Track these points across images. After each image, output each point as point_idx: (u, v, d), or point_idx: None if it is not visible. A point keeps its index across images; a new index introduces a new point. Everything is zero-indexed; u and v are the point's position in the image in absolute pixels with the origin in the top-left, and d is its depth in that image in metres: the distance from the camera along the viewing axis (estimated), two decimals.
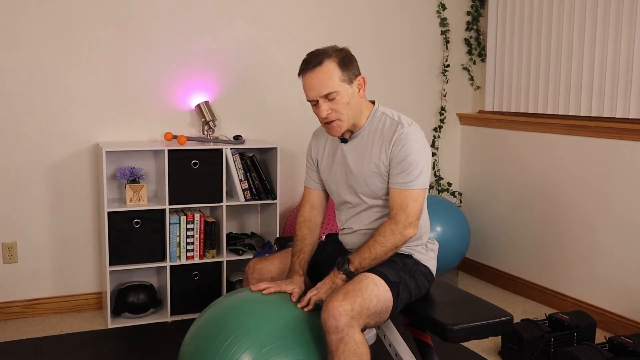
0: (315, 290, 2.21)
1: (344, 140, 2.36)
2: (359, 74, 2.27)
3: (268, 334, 2.04)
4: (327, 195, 2.55)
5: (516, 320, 2.99)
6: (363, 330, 2.09)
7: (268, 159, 3.74)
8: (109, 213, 3.35)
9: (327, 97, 2.20)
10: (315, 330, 2.10)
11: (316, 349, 2.07)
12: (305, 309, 2.17)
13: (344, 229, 2.46)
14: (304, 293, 2.27)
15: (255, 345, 2.01)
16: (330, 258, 2.43)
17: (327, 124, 2.26)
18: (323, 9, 3.98)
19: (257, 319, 2.10)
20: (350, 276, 2.19)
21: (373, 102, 2.36)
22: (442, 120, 4.40)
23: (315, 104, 2.24)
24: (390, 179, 2.24)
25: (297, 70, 2.26)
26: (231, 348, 2.01)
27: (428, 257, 2.38)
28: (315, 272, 2.44)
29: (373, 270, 2.19)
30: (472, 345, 3.20)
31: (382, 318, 2.15)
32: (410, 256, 2.33)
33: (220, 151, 3.54)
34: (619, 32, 3.36)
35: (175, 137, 3.56)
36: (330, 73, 2.19)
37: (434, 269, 2.40)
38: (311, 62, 2.21)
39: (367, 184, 2.30)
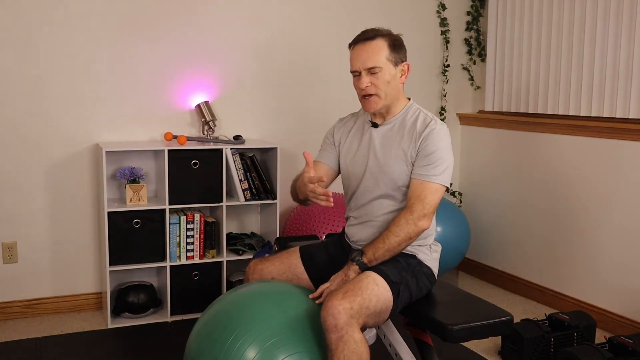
0: (328, 283, 2.22)
1: (374, 124, 2.40)
2: (405, 60, 2.35)
3: (273, 328, 2.05)
4: (333, 175, 2.53)
5: (516, 320, 2.99)
6: (363, 329, 2.09)
7: (268, 159, 3.74)
8: (109, 213, 3.35)
9: (370, 70, 2.28)
10: (320, 323, 2.09)
11: (320, 342, 2.07)
12: (317, 302, 2.17)
13: (350, 217, 2.46)
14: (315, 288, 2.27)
15: (260, 339, 2.02)
16: (332, 258, 2.43)
17: (364, 97, 2.32)
18: (322, 8, 3.98)
19: (262, 312, 2.10)
20: (363, 268, 2.21)
21: (409, 99, 2.44)
22: (442, 121, 4.38)
23: (357, 74, 2.31)
24: (414, 170, 2.28)
25: (297, 70, 2.27)
26: (236, 342, 2.02)
27: (431, 258, 2.39)
28: (317, 273, 2.44)
29: (375, 269, 2.19)
30: (472, 345, 3.20)
31: (381, 318, 2.16)
32: (414, 256, 2.34)
33: (220, 151, 3.54)
34: (619, 32, 3.36)
35: (175, 137, 3.56)
36: (379, 49, 2.28)
37: (435, 271, 2.41)
38: (364, 35, 2.32)
39: (389, 170, 2.32)
